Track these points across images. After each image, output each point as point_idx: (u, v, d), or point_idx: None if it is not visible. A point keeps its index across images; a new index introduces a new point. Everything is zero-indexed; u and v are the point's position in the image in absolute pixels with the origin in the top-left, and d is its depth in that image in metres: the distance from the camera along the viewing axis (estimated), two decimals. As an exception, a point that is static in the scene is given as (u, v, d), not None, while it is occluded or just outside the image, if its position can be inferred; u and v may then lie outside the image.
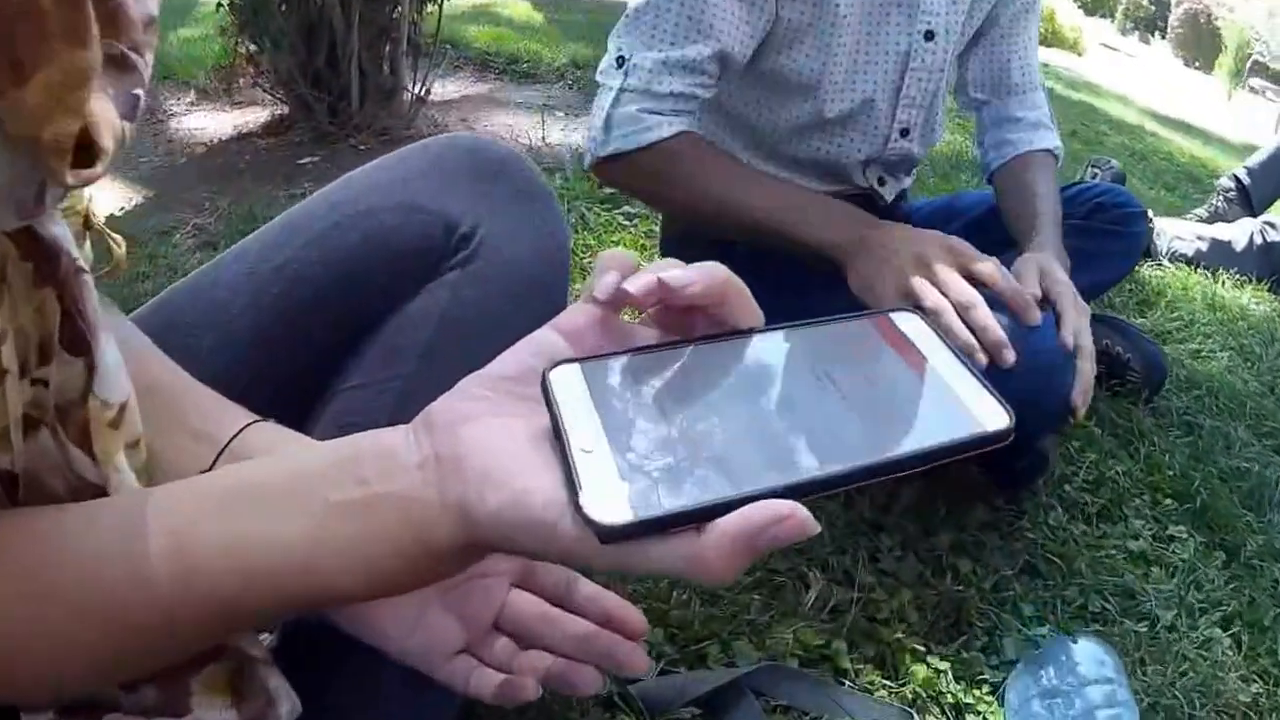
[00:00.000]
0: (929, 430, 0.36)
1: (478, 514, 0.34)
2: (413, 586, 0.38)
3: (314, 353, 0.62)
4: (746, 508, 0.32)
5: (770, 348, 0.40)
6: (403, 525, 0.36)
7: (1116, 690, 0.90)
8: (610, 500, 0.32)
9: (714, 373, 0.38)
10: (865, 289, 0.99)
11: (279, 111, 2.50)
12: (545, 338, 0.39)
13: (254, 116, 2.57)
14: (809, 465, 0.34)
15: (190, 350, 0.59)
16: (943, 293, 0.93)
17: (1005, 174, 1.31)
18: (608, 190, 2.04)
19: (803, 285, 1.06)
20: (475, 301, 0.59)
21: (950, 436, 0.36)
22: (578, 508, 0.33)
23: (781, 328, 0.41)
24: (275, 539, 0.37)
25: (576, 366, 0.37)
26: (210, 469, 0.50)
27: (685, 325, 0.40)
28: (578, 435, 0.35)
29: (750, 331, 0.40)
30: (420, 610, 0.49)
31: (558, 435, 0.35)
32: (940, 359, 0.40)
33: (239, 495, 0.38)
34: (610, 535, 0.32)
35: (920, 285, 0.94)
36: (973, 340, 0.90)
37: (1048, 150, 1.31)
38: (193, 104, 2.72)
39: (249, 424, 0.53)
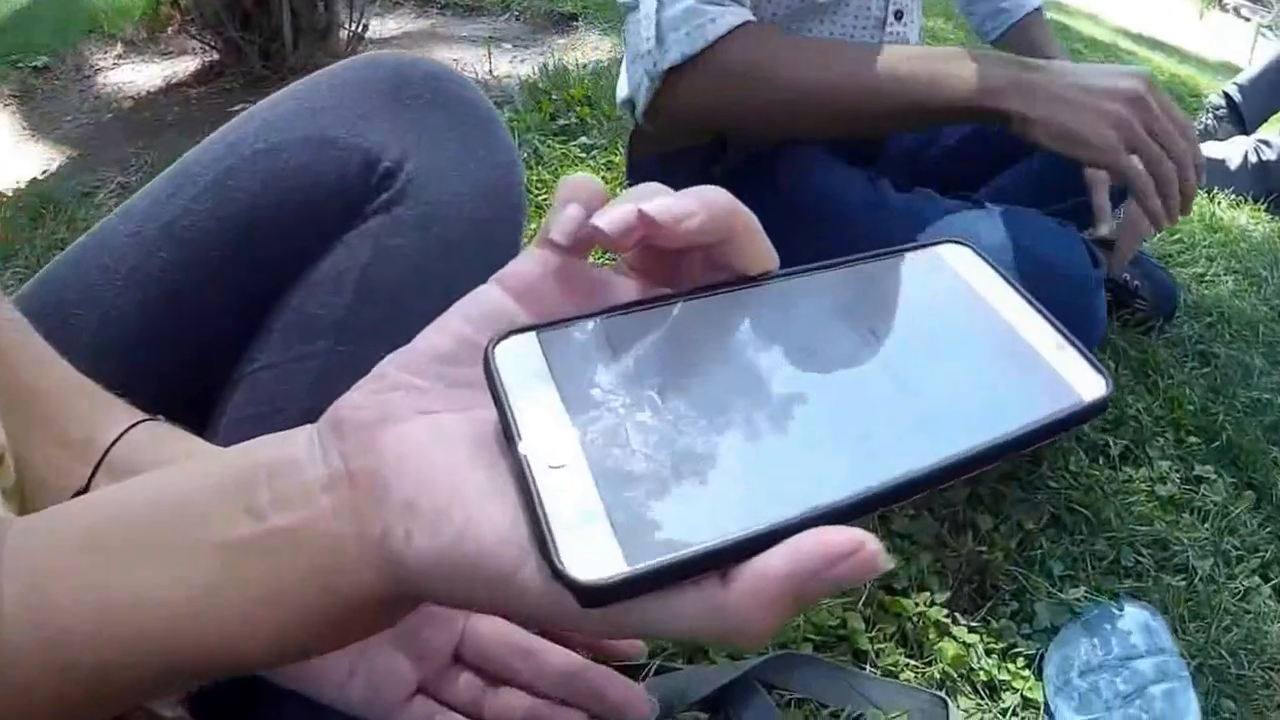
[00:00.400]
0: (1017, 406, 0.26)
1: (405, 557, 0.25)
2: (332, 647, 0.28)
3: (213, 329, 0.51)
4: (793, 540, 0.22)
5: (794, 301, 0.29)
6: (308, 572, 0.26)
7: (1168, 660, 0.80)
8: (592, 542, 0.22)
9: (723, 340, 0.27)
10: (1067, 139, 0.87)
11: (209, 58, 2.34)
12: (487, 298, 0.28)
13: (184, 66, 2.41)
14: (869, 469, 0.24)
15: (71, 333, 0.50)
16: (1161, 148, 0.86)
17: (1011, 41, 1.37)
18: (561, 121, 1.89)
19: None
20: (404, 253, 0.47)
21: (1044, 413, 0.26)
22: (545, 556, 0.22)
23: (803, 272, 0.30)
24: (150, 597, 0.27)
25: (531, 337, 0.26)
26: (87, 487, 0.41)
27: (676, 272, 0.29)
28: (538, 441, 0.24)
29: (764, 279, 0.29)
30: (360, 649, 0.40)
31: (510, 440, 0.24)
32: (1013, 308, 0.29)
33: (105, 537, 0.28)
34: (595, 596, 0.21)
35: (1152, 149, 0.85)
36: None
37: (1037, 9, 1.38)
38: (120, 57, 2.56)
39: (133, 425, 0.43)
